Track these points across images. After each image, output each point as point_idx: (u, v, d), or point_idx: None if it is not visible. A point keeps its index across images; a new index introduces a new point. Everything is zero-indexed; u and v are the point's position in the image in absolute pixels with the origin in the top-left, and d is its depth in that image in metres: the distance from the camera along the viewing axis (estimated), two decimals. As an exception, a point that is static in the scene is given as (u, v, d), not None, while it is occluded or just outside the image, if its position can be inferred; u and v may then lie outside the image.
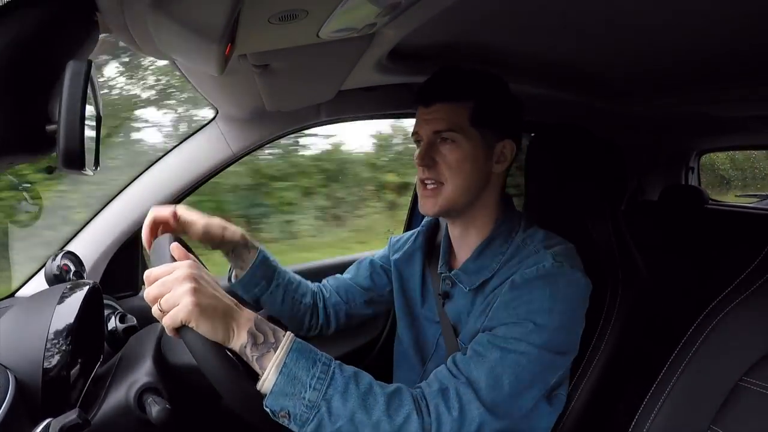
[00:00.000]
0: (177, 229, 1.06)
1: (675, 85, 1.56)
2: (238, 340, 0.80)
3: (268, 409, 0.80)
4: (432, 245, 1.30)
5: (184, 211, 1.07)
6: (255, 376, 0.83)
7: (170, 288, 0.78)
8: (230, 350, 0.83)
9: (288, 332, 0.85)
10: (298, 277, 1.33)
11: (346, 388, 0.83)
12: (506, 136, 1.09)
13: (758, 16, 0.96)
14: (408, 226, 2.33)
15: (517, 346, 0.91)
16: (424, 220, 1.38)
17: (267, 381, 0.80)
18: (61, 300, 0.99)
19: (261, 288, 1.23)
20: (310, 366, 0.82)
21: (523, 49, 1.23)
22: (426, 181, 1.08)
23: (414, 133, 1.12)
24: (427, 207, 1.09)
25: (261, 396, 0.81)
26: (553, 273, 0.96)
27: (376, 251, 1.45)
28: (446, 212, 1.09)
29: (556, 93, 1.55)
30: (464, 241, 1.15)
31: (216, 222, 1.12)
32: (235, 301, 0.84)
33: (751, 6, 0.92)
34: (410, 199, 2.37)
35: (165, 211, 1.03)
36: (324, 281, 1.41)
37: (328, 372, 0.83)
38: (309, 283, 1.36)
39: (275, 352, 0.81)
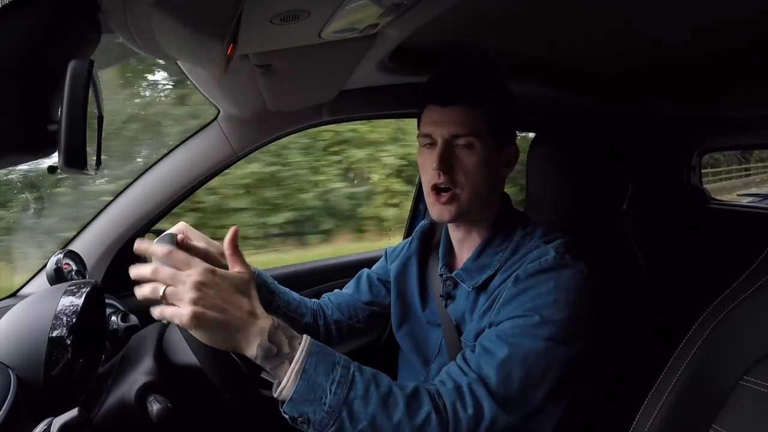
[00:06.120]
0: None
1: (676, 85, 1.56)
2: (248, 352, 0.79)
3: (286, 416, 0.79)
4: (428, 249, 1.29)
5: (191, 233, 1.01)
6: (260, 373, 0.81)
7: (176, 285, 0.76)
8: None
9: (304, 336, 0.83)
10: (296, 296, 1.30)
11: (367, 391, 0.81)
12: (512, 141, 1.11)
13: (758, 17, 0.96)
14: (409, 230, 2.33)
15: (524, 340, 0.91)
16: (419, 225, 1.37)
17: (286, 389, 0.78)
18: (63, 299, 0.99)
19: None
20: (329, 370, 0.80)
21: (524, 49, 1.23)
22: (440, 186, 1.05)
23: (425, 135, 1.08)
24: (443, 214, 1.06)
25: (264, 397, 0.80)
26: (555, 265, 0.97)
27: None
28: (459, 218, 1.08)
29: (557, 93, 1.55)
30: (466, 242, 1.15)
31: (215, 245, 1.06)
32: (252, 308, 0.80)
33: (751, 6, 0.92)
34: (411, 201, 2.37)
35: (176, 228, 0.98)
36: (324, 297, 1.40)
37: (347, 375, 0.81)
38: (309, 301, 1.33)
39: (290, 363, 0.79)
